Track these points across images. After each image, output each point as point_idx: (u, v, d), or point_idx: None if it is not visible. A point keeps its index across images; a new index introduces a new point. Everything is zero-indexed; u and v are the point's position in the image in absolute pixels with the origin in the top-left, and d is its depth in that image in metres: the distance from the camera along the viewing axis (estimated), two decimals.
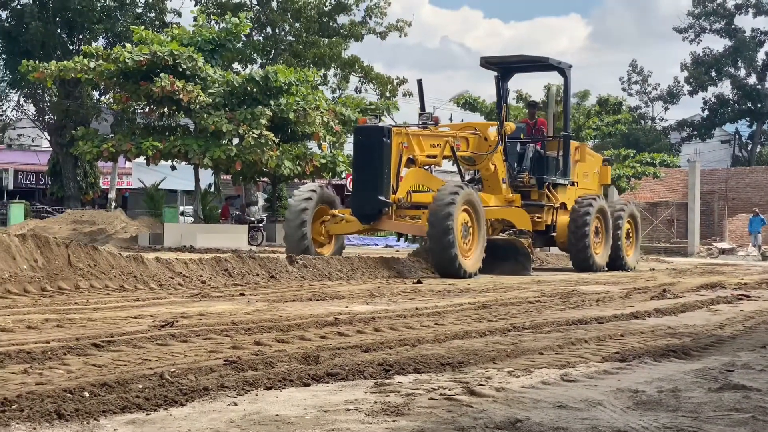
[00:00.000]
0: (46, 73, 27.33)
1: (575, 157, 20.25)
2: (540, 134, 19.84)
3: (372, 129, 16.70)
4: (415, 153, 16.72)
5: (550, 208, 19.39)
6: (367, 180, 16.32)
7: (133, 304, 9.19)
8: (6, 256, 10.28)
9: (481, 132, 18.25)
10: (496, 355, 5.98)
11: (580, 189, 20.43)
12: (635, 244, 21.83)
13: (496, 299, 10.52)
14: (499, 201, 18.24)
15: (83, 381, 4.68)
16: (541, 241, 20.07)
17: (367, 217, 16.42)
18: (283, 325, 7.33)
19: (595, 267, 19.21)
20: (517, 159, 19.23)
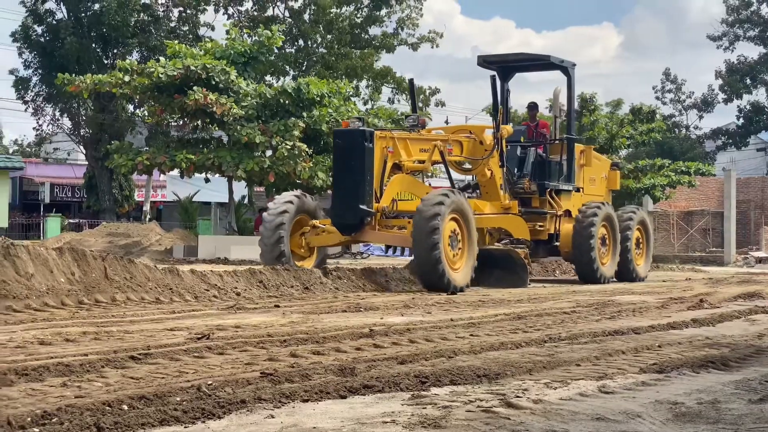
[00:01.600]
0: (81, 86, 27.60)
1: (580, 161, 19.09)
2: (542, 137, 18.64)
3: (352, 132, 15.32)
4: (401, 158, 15.56)
5: (552, 216, 18.27)
6: (347, 187, 15.06)
7: (169, 316, 9.23)
8: (44, 269, 10.38)
9: (476, 135, 17.11)
10: (533, 366, 5.95)
11: (587, 195, 19.25)
12: (646, 253, 20.38)
13: (531, 310, 10.47)
14: (495, 208, 17.07)
15: (122, 394, 4.71)
16: (544, 251, 18.78)
17: (348, 228, 15.16)
18: (318, 336, 7.34)
19: (601, 278, 17.99)
20: (517, 164, 18.17)
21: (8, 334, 7.29)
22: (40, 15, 39.67)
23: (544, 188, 18.02)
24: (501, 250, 16.43)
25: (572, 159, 18.53)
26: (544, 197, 18.08)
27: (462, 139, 16.90)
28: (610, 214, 18.58)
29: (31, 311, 9.40)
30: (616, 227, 18.73)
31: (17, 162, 33.51)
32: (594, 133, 35.66)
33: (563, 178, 18.45)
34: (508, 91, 19.70)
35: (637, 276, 19.30)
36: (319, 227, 15.86)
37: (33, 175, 48.93)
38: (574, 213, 18.36)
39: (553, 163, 18.34)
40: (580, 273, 18.33)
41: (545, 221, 18.10)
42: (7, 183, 32.17)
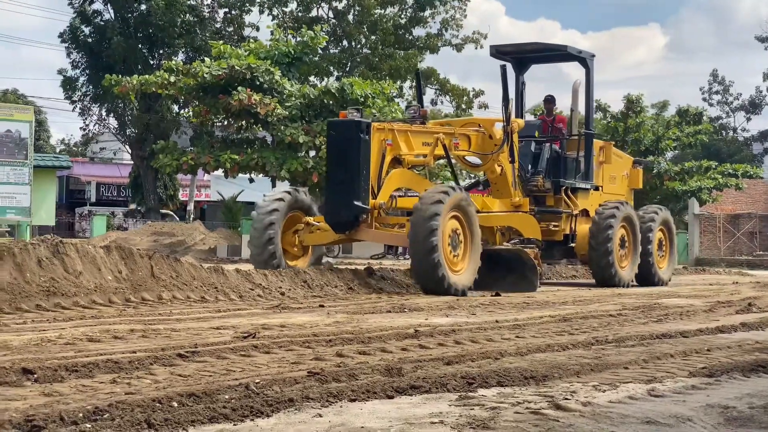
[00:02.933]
0: (128, 86, 27.89)
1: (599, 158, 18.02)
2: (558, 132, 17.59)
3: (346, 123, 14.29)
4: (401, 152, 14.48)
5: (568, 216, 17.22)
6: (341, 182, 14.04)
7: (215, 315, 9.29)
8: (92, 267, 10.49)
9: (485, 129, 16.05)
10: (580, 369, 5.91)
11: (606, 194, 18.15)
12: (670, 256, 19.09)
13: (577, 312, 10.40)
14: (505, 206, 16.05)
15: (171, 391, 4.74)
16: (559, 252, 17.91)
17: (341, 225, 14.16)
18: (363, 337, 7.34)
19: (620, 282, 16.86)
20: (530, 160, 17.15)
21: (58, 330, 7.37)
22: (87, 16, 40.17)
23: (559, 186, 17.07)
24: (510, 250, 15.27)
25: (590, 155, 17.53)
26: (559, 195, 17.13)
27: (470, 132, 15.93)
28: (630, 214, 17.52)
29: (80, 308, 9.51)
30: (637, 228, 17.61)
31: (65, 161, 33.89)
32: (640, 135, 35.40)
33: (580, 176, 17.47)
34: (524, 84, 18.77)
35: (660, 280, 18.18)
36: (313, 225, 14.96)
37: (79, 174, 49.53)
38: (592, 213, 17.44)
39: (570, 159, 17.38)
40: (596, 276, 17.30)
41: (560, 221, 17.13)
42: (54, 182, 32.54)
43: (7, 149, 26.28)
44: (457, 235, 13.73)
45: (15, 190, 26.28)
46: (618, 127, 35.65)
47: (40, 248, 10.24)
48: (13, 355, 5.93)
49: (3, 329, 7.54)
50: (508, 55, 18.06)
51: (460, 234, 13.82)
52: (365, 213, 13.93)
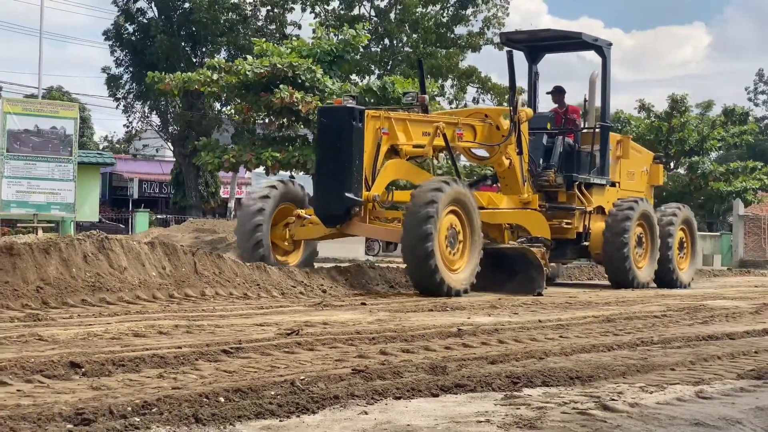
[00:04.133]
0: (171, 84, 28.07)
1: (616, 152, 17.20)
2: (572, 124, 16.75)
3: (338, 110, 13.60)
4: (398, 142, 13.61)
5: (582, 213, 16.35)
6: (332, 173, 13.19)
7: (258, 311, 9.34)
8: (136, 263, 10.58)
9: (492, 119, 15.14)
10: (626, 369, 5.86)
11: (624, 191, 17.36)
12: (691, 257, 18.17)
13: (621, 313, 10.32)
14: (512, 202, 15.21)
15: (217, 386, 4.76)
16: (572, 251, 16.87)
17: (332, 219, 13.29)
18: (406, 335, 7.34)
19: (636, 283, 16.09)
20: (542, 154, 16.28)
21: (104, 325, 7.44)
22: (131, 14, 40.53)
23: (572, 181, 16.22)
24: (515, 249, 14.35)
25: (606, 149, 16.70)
26: (572, 191, 16.27)
27: (475, 123, 15.01)
28: (647, 211, 16.70)
29: (124, 304, 9.60)
30: (655, 227, 16.80)
31: (108, 158, 34.23)
32: (684, 135, 35.10)
33: (595, 171, 16.63)
34: (537, 74, 18.03)
35: (680, 282, 17.35)
36: (304, 218, 14.04)
37: (122, 171, 49.95)
38: (608, 210, 16.64)
39: (584, 153, 16.56)
40: (611, 277, 16.53)
41: (573, 218, 16.29)
42: (98, 178, 32.87)
43: (52, 146, 26.57)
44: (455, 231, 12.97)
45: (59, 186, 26.56)
46: (662, 126, 35.36)
47: (86, 244, 10.34)
48: (61, 348, 6.00)
49: (50, 323, 7.63)
50: (520, 43, 17.46)
51: (459, 231, 13.06)
52: (358, 206, 13.08)
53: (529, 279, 13.64)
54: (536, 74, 17.92)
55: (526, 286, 13.49)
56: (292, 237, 14.15)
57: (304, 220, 14.01)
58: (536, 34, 17.54)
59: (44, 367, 5.16)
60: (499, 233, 14.85)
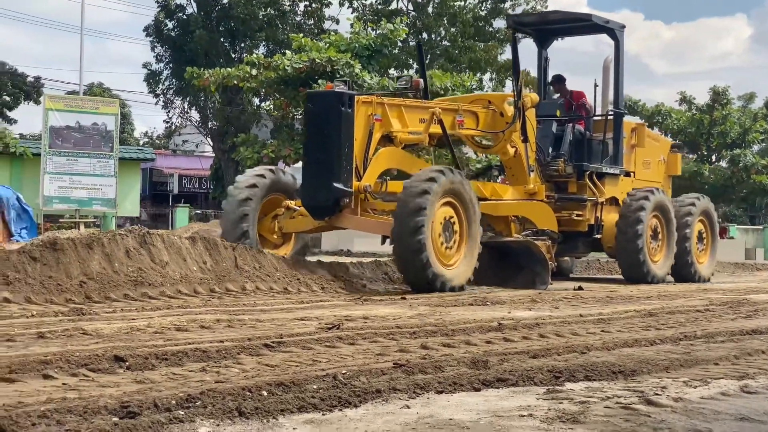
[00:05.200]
0: (210, 80, 28.21)
1: (631, 140, 16.36)
2: (582, 110, 15.83)
3: (325, 94, 12.90)
4: (392, 129, 12.82)
5: (593, 204, 15.50)
6: (319, 162, 12.41)
7: (298, 306, 9.37)
8: (178, 257, 10.66)
9: (496, 105, 14.31)
10: (669, 364, 5.81)
11: (639, 181, 16.48)
12: (711, 250, 17.25)
13: (663, 307, 10.24)
14: (518, 193, 14.47)
15: (260, 380, 4.79)
16: (584, 245, 16.03)
17: (320, 211, 12.53)
18: (447, 329, 7.33)
19: (651, 278, 15.24)
20: (551, 142, 15.48)
21: (146, 319, 7.51)
22: (171, 10, 40.79)
23: (583, 171, 15.37)
24: (519, 242, 13.58)
25: (620, 137, 15.82)
26: (583, 181, 15.43)
27: (477, 109, 14.18)
28: (663, 202, 15.86)
29: (166, 298, 9.68)
30: (672, 218, 15.95)
31: (149, 153, 34.51)
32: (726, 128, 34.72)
33: (608, 160, 15.79)
34: (546, 60, 17.14)
35: (699, 276, 16.53)
36: (293, 209, 13.22)
37: (162, 166, 50.32)
38: (622, 201, 15.81)
39: (596, 142, 15.72)
40: (625, 271, 15.69)
41: (584, 210, 15.44)
42: (138, 174, 33.15)
43: (94, 141, 26.84)
44: (450, 224, 12.19)
45: (101, 182, 26.82)
46: (704, 119, 35.01)
47: (128, 238, 10.44)
48: (105, 343, 6.06)
49: (94, 318, 7.71)
50: (528, 26, 16.81)
51: (455, 223, 12.28)
52: (347, 196, 12.34)
53: (533, 273, 13.12)
54: (546, 60, 17.14)
55: (529, 280, 13.00)
56: (280, 229, 13.38)
57: (294, 212, 13.21)
58: (545, 17, 16.66)
59: (89, 361, 5.22)
60: (505, 226, 14.24)
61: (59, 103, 27.42)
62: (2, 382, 4.68)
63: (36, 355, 5.37)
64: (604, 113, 15.77)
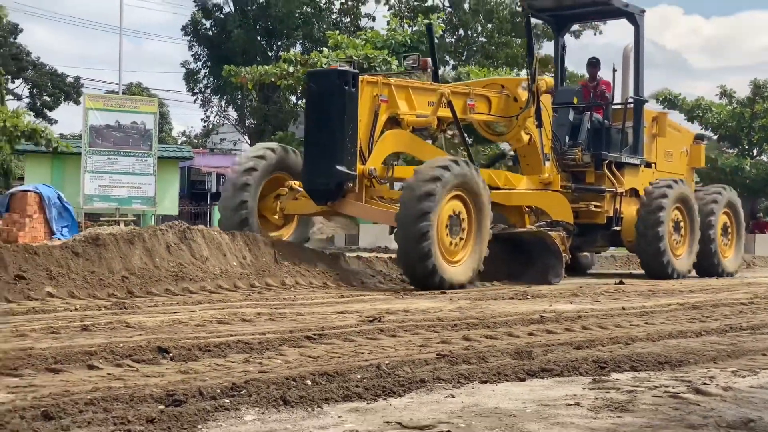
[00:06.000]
0: (247, 77, 28.30)
1: (652, 129, 15.73)
2: (601, 98, 15.27)
3: (327, 73, 12.34)
4: (399, 111, 12.23)
5: (612, 195, 14.88)
6: (321, 144, 11.80)
7: (338, 300, 9.37)
8: (218, 253, 10.70)
9: (509, 90, 13.65)
10: (716, 355, 5.74)
11: (661, 172, 15.81)
12: (736, 243, 16.57)
13: (706, 300, 10.12)
14: (532, 183, 13.82)
15: (303, 371, 4.78)
16: (603, 238, 15.32)
17: (321, 195, 11.96)
18: (489, 322, 7.29)
19: (674, 273, 14.60)
20: (568, 131, 14.85)
21: (188, 313, 7.53)
22: (208, 9, 41.00)
23: (601, 160, 14.73)
24: (532, 233, 12.93)
25: (640, 126, 15.21)
26: (601, 171, 14.79)
27: (490, 93, 13.58)
28: (685, 193, 15.16)
29: (206, 293, 9.72)
30: (695, 210, 15.27)
31: (187, 152, 34.69)
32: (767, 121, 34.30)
33: (627, 149, 15.18)
34: (564, 47, 16.61)
35: (724, 270, 15.93)
36: (297, 190, 12.60)
37: (200, 165, 50.56)
38: (642, 193, 15.15)
39: (615, 130, 15.12)
40: (646, 266, 15.00)
41: (602, 201, 14.81)
42: (177, 172, 33.32)
43: (133, 140, 27.03)
44: (459, 219, 11.60)
45: (140, 181, 27.00)
46: (744, 113, 34.60)
47: (169, 234, 10.50)
48: (148, 335, 6.08)
49: (136, 311, 7.75)
50: (544, 12, 16.12)
51: (464, 218, 11.68)
52: (351, 180, 11.75)
53: (546, 266, 12.53)
54: (563, 47, 16.62)
55: (541, 273, 12.47)
56: (282, 210, 12.80)
57: (297, 193, 12.59)
58: (562, 1, 15.96)
59: (133, 352, 5.24)
60: (519, 217, 13.69)
61: (99, 102, 27.64)
62: (48, 373, 4.71)
63: (80, 347, 5.40)
64: (623, 101, 15.25)
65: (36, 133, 24.01)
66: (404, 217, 11.07)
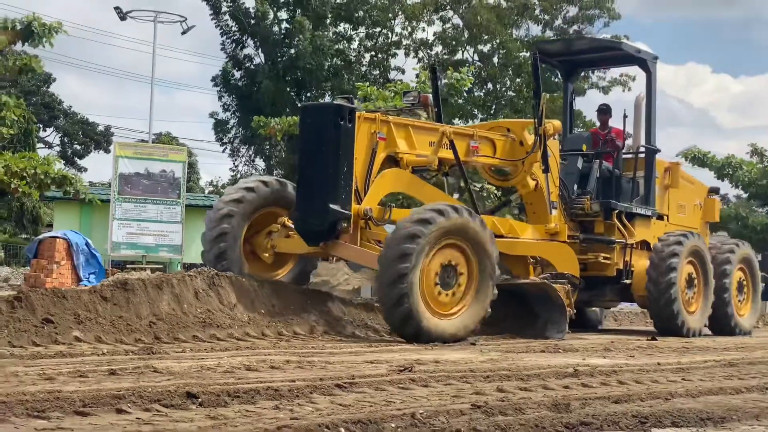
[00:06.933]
0: (276, 128, 28.44)
1: (664, 180, 15.17)
2: (611, 146, 14.66)
3: (323, 107, 11.96)
4: (398, 150, 11.64)
5: (623, 247, 14.21)
6: (314, 182, 11.18)
7: (367, 349, 9.24)
8: (245, 299, 10.62)
9: (515, 133, 13.05)
10: (760, 412, 5.57)
11: (673, 225, 15.22)
12: (753, 300, 15.85)
13: (743, 358, 9.92)
14: (537, 232, 13.20)
15: (335, 418, 4.66)
16: (612, 292, 14.60)
17: (314, 235, 11.19)
18: (522, 374, 7.14)
19: (687, 331, 13.87)
20: (576, 179, 14.32)
21: (216, 359, 7.43)
22: (239, 60, 41.37)
23: (611, 209, 14.06)
24: (535, 284, 12.26)
25: (651, 176, 14.66)
26: (611, 221, 14.11)
27: (495, 136, 12.93)
28: (699, 247, 14.47)
29: (234, 340, 9.61)
30: (709, 265, 14.61)
31: (214, 201, 34.78)
32: None
33: (638, 200, 14.58)
34: (574, 93, 16.24)
35: (740, 329, 15.19)
36: (290, 227, 11.77)
37: None
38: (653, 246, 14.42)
39: (625, 180, 14.55)
40: (657, 322, 14.25)
41: (612, 253, 14.15)
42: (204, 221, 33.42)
43: (161, 188, 27.19)
44: (453, 269, 10.82)
45: (167, 228, 27.11)
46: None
47: (197, 280, 10.43)
48: (176, 379, 5.98)
49: (164, 357, 7.66)
50: (554, 57, 15.75)
51: (462, 272, 10.88)
52: (345, 220, 11.06)
53: (549, 320, 11.90)
54: (573, 93, 16.23)
55: (543, 328, 11.85)
56: (273, 248, 11.92)
57: (290, 230, 11.73)
58: (570, 45, 15.59)
59: (161, 397, 5.14)
60: (523, 268, 13.01)
61: (129, 151, 27.87)
62: (76, 416, 4.61)
63: (108, 390, 5.30)
64: (635, 150, 14.79)
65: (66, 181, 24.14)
66: (384, 258, 10.41)
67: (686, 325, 13.95)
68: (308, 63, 38.92)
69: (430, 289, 10.56)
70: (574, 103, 16.33)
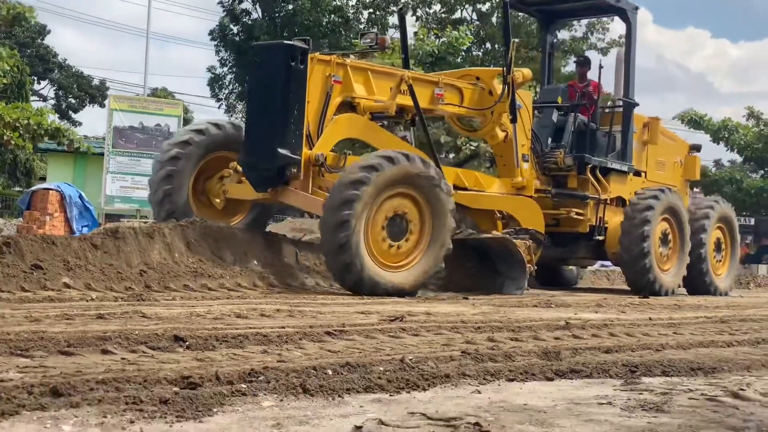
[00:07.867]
0: None
1: (643, 136, 14.68)
2: (588, 99, 14.20)
3: (273, 47, 11.30)
4: (355, 94, 11.13)
5: (596, 203, 13.75)
6: (263, 125, 10.69)
7: (359, 301, 9.20)
8: (238, 250, 10.56)
9: (484, 82, 12.52)
10: (750, 364, 5.54)
11: (651, 182, 14.76)
12: (730, 261, 15.63)
13: (734, 315, 9.91)
14: (504, 186, 12.75)
15: (323, 362, 4.62)
16: (585, 249, 14.22)
17: (261, 181, 10.77)
18: (513, 326, 7.10)
19: (660, 289, 13.57)
20: (551, 132, 13.90)
21: (206, 307, 7.40)
22: (236, 15, 41.05)
23: (584, 164, 13.61)
24: (496, 240, 11.77)
25: (629, 131, 14.20)
26: (585, 176, 13.67)
27: (462, 84, 12.41)
28: (675, 204, 14.08)
29: (225, 290, 9.58)
30: (685, 223, 14.23)
31: None
32: None
33: (614, 155, 14.09)
34: (553, 45, 15.80)
35: (716, 289, 14.98)
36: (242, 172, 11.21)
37: None
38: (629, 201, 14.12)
39: (601, 134, 14.04)
40: (630, 280, 13.99)
41: (585, 208, 13.72)
42: None
43: (156, 143, 27.00)
44: (404, 219, 10.41)
45: None
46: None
47: (189, 230, 10.37)
48: (164, 324, 5.94)
49: (153, 303, 7.62)
50: (531, 6, 15.22)
51: (412, 220, 10.46)
52: (295, 165, 10.57)
53: (508, 276, 11.68)
54: (551, 45, 15.73)
55: (501, 283, 11.64)
56: (224, 193, 11.48)
57: (242, 176, 11.20)
58: None
59: (148, 339, 5.09)
60: (490, 222, 12.56)
61: (124, 104, 27.68)
62: (60, 355, 4.56)
63: (94, 332, 5.25)
64: (612, 103, 14.37)
65: (59, 132, 24.02)
66: (328, 204, 10.02)
67: (658, 281, 13.66)
68: (306, 19, 38.65)
69: (376, 238, 10.18)
70: (553, 56, 15.91)
